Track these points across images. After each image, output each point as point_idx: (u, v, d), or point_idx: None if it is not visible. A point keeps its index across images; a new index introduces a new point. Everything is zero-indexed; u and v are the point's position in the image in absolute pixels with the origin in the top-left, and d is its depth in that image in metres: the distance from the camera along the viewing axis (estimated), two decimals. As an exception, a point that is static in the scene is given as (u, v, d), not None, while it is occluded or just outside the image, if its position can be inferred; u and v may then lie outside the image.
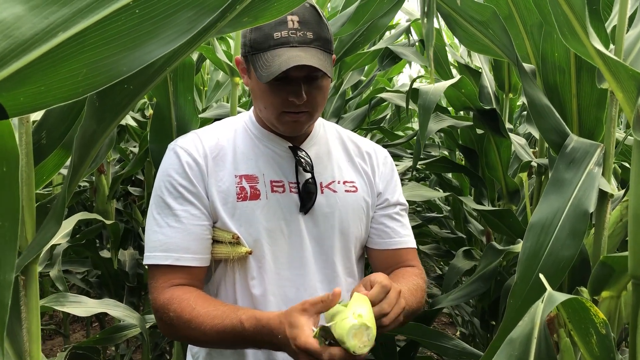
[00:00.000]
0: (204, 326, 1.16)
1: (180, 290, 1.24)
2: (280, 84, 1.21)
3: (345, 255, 1.37)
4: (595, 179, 1.21)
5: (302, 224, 1.32)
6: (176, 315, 1.20)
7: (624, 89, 1.07)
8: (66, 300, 2.04)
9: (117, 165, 3.76)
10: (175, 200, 1.26)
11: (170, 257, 1.24)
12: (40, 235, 1.13)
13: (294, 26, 1.18)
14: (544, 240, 1.19)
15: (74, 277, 3.67)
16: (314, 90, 1.24)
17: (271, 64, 1.16)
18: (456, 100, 2.54)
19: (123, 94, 1.15)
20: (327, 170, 1.37)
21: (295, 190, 1.32)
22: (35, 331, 1.14)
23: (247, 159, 1.32)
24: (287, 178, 1.32)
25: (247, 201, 1.28)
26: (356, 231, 1.37)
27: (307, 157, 1.33)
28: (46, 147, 1.19)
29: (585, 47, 1.14)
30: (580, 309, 0.94)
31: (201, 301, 1.21)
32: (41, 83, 0.65)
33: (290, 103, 1.22)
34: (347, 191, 1.37)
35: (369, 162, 1.43)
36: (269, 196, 1.29)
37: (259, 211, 1.28)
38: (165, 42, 0.70)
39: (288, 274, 1.31)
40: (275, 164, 1.33)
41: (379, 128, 3.70)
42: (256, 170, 1.31)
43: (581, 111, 1.43)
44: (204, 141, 1.32)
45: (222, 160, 1.31)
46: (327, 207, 1.34)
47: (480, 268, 2.22)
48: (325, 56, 1.20)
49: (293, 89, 1.20)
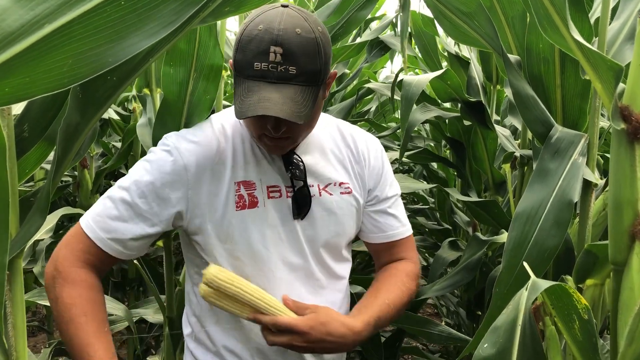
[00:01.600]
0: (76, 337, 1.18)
1: (86, 284, 1.22)
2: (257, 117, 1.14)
3: (335, 251, 1.38)
4: (580, 168, 1.22)
5: (299, 228, 1.31)
6: (63, 303, 1.20)
7: (602, 79, 1.08)
8: (50, 295, 2.02)
9: (100, 160, 3.73)
10: (139, 190, 1.22)
11: (95, 234, 1.21)
12: (24, 229, 1.12)
13: (275, 59, 1.08)
14: (529, 230, 1.20)
15: (58, 272, 3.63)
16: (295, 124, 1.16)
17: (244, 100, 1.10)
18: (442, 91, 2.55)
19: (106, 85, 1.14)
20: (325, 171, 1.34)
21: (291, 194, 1.30)
22: (21, 326, 1.13)
23: (246, 163, 1.28)
24: (285, 182, 1.30)
25: (245, 210, 1.26)
26: (349, 231, 1.38)
27: (300, 162, 1.29)
28: (28, 140, 1.17)
29: (564, 39, 1.15)
30: (563, 295, 0.96)
31: (90, 314, 1.21)
32: (26, 74, 0.65)
33: (268, 130, 1.17)
34: (343, 193, 1.35)
35: (361, 158, 1.39)
36: (266, 203, 1.28)
37: (258, 219, 1.27)
38: (150, 33, 0.70)
39: (289, 277, 1.31)
40: (271, 168, 1.30)
41: (365, 120, 3.70)
42: (253, 175, 1.28)
43: (565, 102, 1.44)
44: (205, 146, 1.26)
45: (223, 166, 1.26)
46: (324, 211, 1.33)
47: (464, 258, 2.24)
48: (305, 95, 1.12)
49: (271, 123, 1.15)
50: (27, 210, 1.17)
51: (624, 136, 0.94)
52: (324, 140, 1.38)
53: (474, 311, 2.72)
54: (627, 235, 0.96)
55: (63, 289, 1.20)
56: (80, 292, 1.21)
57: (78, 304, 1.20)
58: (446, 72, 2.39)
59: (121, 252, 1.24)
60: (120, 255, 1.25)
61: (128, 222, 1.22)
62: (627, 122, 0.93)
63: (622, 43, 1.27)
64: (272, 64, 1.08)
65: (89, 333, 1.19)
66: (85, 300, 1.21)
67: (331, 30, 2.36)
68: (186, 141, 1.25)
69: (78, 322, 1.18)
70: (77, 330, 1.18)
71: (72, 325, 1.18)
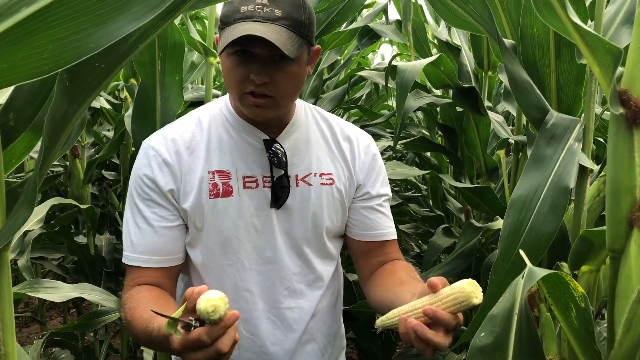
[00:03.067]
0: (138, 329, 1.14)
1: (137, 289, 1.23)
2: (242, 60, 1.16)
3: (317, 245, 1.35)
4: (576, 154, 1.21)
5: (274, 219, 1.30)
6: (125, 313, 1.21)
7: (600, 63, 1.06)
8: (40, 286, 2.00)
9: (91, 149, 3.69)
10: (143, 202, 1.26)
11: (138, 259, 1.25)
12: (11, 221, 1.09)
13: (262, 1, 1.13)
14: (525, 216, 1.19)
15: (50, 263, 3.61)
16: (279, 73, 1.17)
17: (229, 35, 1.12)
18: (435, 78, 2.53)
19: (95, 73, 1.11)
20: (304, 161, 1.32)
21: (269, 184, 1.29)
22: (9, 320, 1.11)
23: (221, 152, 1.28)
24: (262, 172, 1.29)
25: (219, 198, 1.26)
26: (329, 223, 1.35)
27: (281, 149, 1.28)
28: (14, 129, 1.14)
29: (561, 22, 1.13)
30: (559, 283, 0.95)
31: (147, 301, 1.18)
32: (4, 61, 0.62)
33: (251, 82, 1.17)
34: (323, 184, 1.33)
35: (349, 150, 1.37)
36: (241, 193, 1.27)
37: (231, 208, 1.26)
38: (134, 17, 0.67)
39: (263, 268, 1.30)
40: (250, 157, 1.29)
41: (358, 107, 3.68)
42: (229, 165, 1.28)
43: (560, 87, 1.42)
44: (178, 139, 1.28)
45: (197, 156, 1.28)
46: (301, 202, 1.31)
47: (459, 246, 2.23)
48: (290, 36, 1.13)
49: (255, 67, 1.16)
50: (14, 202, 1.14)
51: (623, 121, 0.92)
52: (309, 129, 1.36)
53: (468, 298, 2.72)
54: (625, 221, 0.95)
55: (125, 305, 1.22)
56: (140, 297, 1.21)
57: (142, 298, 1.20)
58: (439, 57, 2.37)
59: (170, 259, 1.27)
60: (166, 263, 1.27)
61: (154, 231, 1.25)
62: (626, 107, 0.91)
63: (619, 27, 1.26)
64: (258, 6, 1.13)
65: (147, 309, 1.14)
66: (146, 297, 1.20)
67: (327, 16, 2.33)
68: (159, 139, 1.29)
69: (143, 311, 1.15)
70: (141, 317, 1.14)
71: (137, 318, 1.15)
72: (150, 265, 1.25)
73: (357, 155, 1.38)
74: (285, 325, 1.33)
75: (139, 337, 1.15)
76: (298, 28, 1.16)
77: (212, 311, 0.91)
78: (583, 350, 0.99)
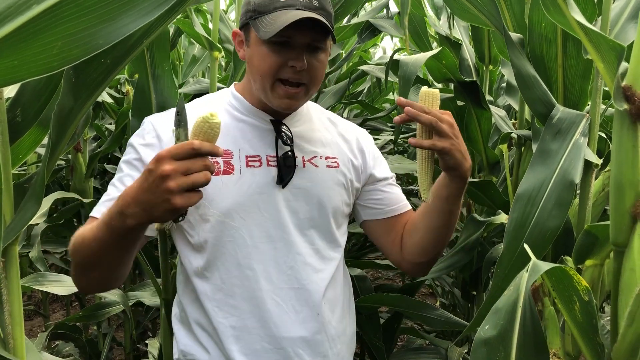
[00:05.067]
0: (86, 236, 1.09)
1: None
2: (281, 48, 1.19)
3: (322, 227, 1.35)
4: (581, 149, 1.22)
5: (280, 197, 1.29)
6: (72, 243, 1.14)
7: (604, 59, 1.07)
8: (45, 279, 2.02)
9: (93, 143, 3.69)
10: (127, 166, 1.24)
11: (99, 212, 1.17)
12: (19, 216, 1.10)
13: None
14: (531, 211, 1.20)
15: (53, 257, 3.62)
16: (315, 61, 1.22)
17: (275, 21, 1.15)
18: (437, 71, 2.52)
19: (100, 68, 1.12)
20: (309, 145, 1.35)
21: (274, 163, 1.29)
22: (18, 313, 1.12)
23: (225, 134, 1.25)
24: (266, 152, 1.30)
25: (219, 176, 1.25)
26: (335, 204, 1.36)
27: (288, 131, 1.31)
28: (22, 124, 1.15)
29: (567, 19, 1.14)
30: (563, 277, 0.96)
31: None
32: (14, 57, 0.63)
33: (289, 69, 1.20)
34: (329, 166, 1.35)
35: (353, 142, 1.43)
36: (242, 171, 1.27)
37: (231, 185, 1.26)
38: (142, 13, 0.67)
39: (266, 247, 1.28)
40: (254, 138, 1.30)
41: (359, 102, 3.67)
42: (232, 146, 1.28)
43: (566, 82, 1.42)
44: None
45: None
46: (308, 181, 1.32)
47: (461, 240, 2.24)
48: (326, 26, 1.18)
49: (295, 54, 1.19)
50: (21, 196, 1.15)
51: (627, 117, 0.92)
52: (312, 120, 1.40)
53: (469, 291, 2.73)
54: (628, 216, 0.95)
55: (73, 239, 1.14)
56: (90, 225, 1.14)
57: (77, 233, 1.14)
58: (442, 51, 2.36)
59: None
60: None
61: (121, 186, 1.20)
62: (630, 103, 0.92)
63: (626, 22, 1.26)
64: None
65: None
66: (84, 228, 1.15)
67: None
68: (159, 116, 1.31)
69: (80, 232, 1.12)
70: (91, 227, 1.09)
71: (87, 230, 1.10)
72: None
73: (364, 146, 1.44)
74: (289, 308, 1.30)
75: (90, 245, 1.08)
76: (330, 19, 1.21)
77: (213, 114, 0.96)
78: (586, 343, 1.00)
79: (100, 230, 1.05)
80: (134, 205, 0.98)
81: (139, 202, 0.97)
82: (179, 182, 0.93)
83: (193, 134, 0.97)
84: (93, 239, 1.07)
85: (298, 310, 1.30)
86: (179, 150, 0.94)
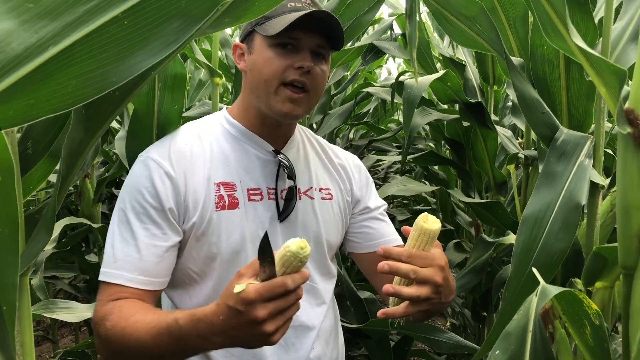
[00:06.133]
0: (139, 332, 1.03)
1: (123, 301, 1.13)
2: (287, 52, 1.19)
3: (318, 260, 1.34)
4: (587, 171, 1.22)
5: (279, 232, 1.27)
6: (112, 324, 1.07)
7: (606, 83, 1.08)
8: (56, 306, 2.01)
9: (101, 168, 3.72)
10: (137, 216, 1.17)
11: (120, 277, 1.14)
12: (30, 247, 1.12)
13: (307, 0, 1.22)
14: (537, 234, 1.20)
15: (62, 282, 3.63)
16: (318, 69, 1.22)
17: (285, 19, 1.16)
18: (442, 93, 2.55)
19: (109, 101, 1.13)
20: (305, 175, 1.34)
21: (273, 197, 1.27)
22: (29, 343, 1.13)
23: (225, 164, 1.26)
24: (266, 184, 1.27)
25: (225, 210, 1.22)
26: (331, 238, 1.35)
27: (286, 160, 1.28)
28: (32, 157, 1.17)
29: (567, 44, 1.15)
30: (573, 301, 0.95)
31: (142, 309, 1.09)
32: (30, 96, 0.64)
33: (295, 71, 1.19)
34: (323, 198, 1.34)
35: (342, 169, 1.42)
36: (246, 205, 1.24)
37: (237, 221, 1.23)
38: (153, 52, 0.69)
39: None
40: (254, 170, 1.28)
41: (364, 123, 3.70)
42: (234, 177, 1.25)
43: (570, 103, 1.43)
44: (178, 151, 1.24)
45: (199, 168, 1.23)
46: (304, 215, 1.30)
47: (471, 261, 2.23)
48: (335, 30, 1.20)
49: (301, 56, 1.19)
50: (32, 227, 1.16)
51: (630, 140, 0.93)
52: (305, 147, 1.39)
53: (479, 312, 2.72)
54: (636, 239, 0.95)
55: (108, 317, 1.09)
56: (129, 306, 1.11)
57: (133, 307, 1.10)
58: (446, 73, 2.39)
59: (156, 282, 1.17)
60: (150, 285, 1.16)
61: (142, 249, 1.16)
62: (633, 126, 0.92)
63: (627, 43, 1.27)
64: (305, 3, 1.21)
65: (157, 311, 1.09)
66: (137, 306, 1.11)
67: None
68: (160, 151, 1.24)
69: (141, 316, 1.06)
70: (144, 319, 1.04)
71: (137, 321, 1.05)
72: (134, 285, 1.14)
73: (351, 174, 1.42)
74: (288, 344, 1.28)
75: (141, 339, 1.03)
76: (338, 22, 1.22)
77: (304, 247, 0.88)
78: (599, 367, 0.99)
79: (167, 341, 1.00)
80: (222, 337, 0.95)
81: (229, 336, 0.94)
82: (276, 323, 0.91)
83: (280, 266, 0.90)
84: (155, 346, 1.01)
85: (298, 347, 1.29)
86: (271, 293, 0.88)
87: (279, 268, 0.90)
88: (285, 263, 0.89)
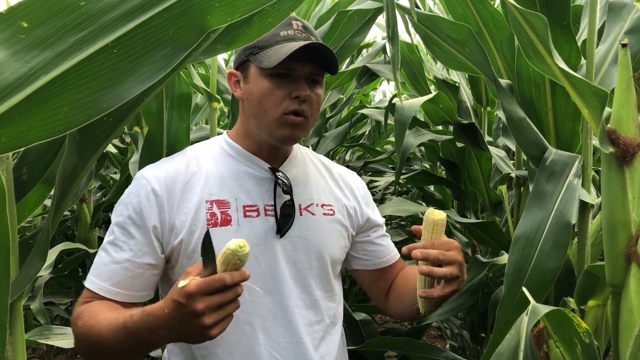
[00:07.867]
0: (102, 329, 1.09)
1: (96, 301, 1.18)
2: (283, 81, 1.22)
3: (322, 277, 1.34)
4: (576, 190, 1.23)
5: (279, 248, 1.28)
6: (82, 323, 1.14)
7: (588, 105, 1.10)
8: (51, 332, 2.00)
9: (98, 193, 3.73)
10: (120, 229, 1.21)
11: (95, 284, 1.18)
12: (24, 272, 1.12)
13: (299, 28, 1.24)
14: (529, 253, 1.21)
15: (58, 308, 3.61)
16: (314, 94, 1.25)
17: (278, 52, 1.18)
18: (434, 115, 2.57)
19: (103, 127, 1.15)
20: (305, 192, 1.35)
21: (271, 213, 1.28)
22: (22, 370, 1.13)
23: (221, 183, 1.27)
24: (263, 201, 1.28)
25: (217, 227, 1.23)
26: (333, 254, 1.36)
27: (284, 178, 1.30)
28: (27, 182, 1.18)
29: (549, 67, 1.17)
30: (563, 319, 0.96)
31: (110, 309, 1.14)
32: (23, 123, 0.66)
33: (293, 101, 1.22)
34: (325, 214, 1.35)
35: (347, 188, 1.44)
36: (240, 222, 1.25)
37: (229, 237, 1.17)
38: (143, 79, 0.71)
39: (265, 300, 1.26)
40: (251, 187, 1.29)
41: (360, 145, 3.72)
42: (229, 195, 1.26)
43: (557, 124, 1.46)
44: (172, 171, 1.26)
45: (193, 186, 1.26)
46: (306, 230, 1.31)
47: (466, 282, 2.23)
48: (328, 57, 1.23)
49: (297, 85, 1.22)
50: (27, 252, 1.17)
51: (613, 160, 0.95)
52: (306, 165, 1.40)
53: (478, 333, 2.70)
54: (622, 257, 0.96)
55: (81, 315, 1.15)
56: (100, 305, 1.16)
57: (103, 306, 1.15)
58: (437, 95, 2.41)
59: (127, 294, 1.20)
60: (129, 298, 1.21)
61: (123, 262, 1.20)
62: (615, 146, 0.94)
63: (610, 65, 1.29)
64: (297, 31, 1.24)
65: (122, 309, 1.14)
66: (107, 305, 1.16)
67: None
68: (153, 169, 1.27)
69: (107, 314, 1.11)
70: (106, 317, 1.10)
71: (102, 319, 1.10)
72: (103, 294, 1.19)
73: (357, 191, 1.45)
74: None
75: (103, 335, 1.09)
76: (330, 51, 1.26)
77: (242, 246, 0.95)
78: (592, 386, 0.99)
79: (123, 336, 1.06)
80: (166, 330, 1.00)
81: (172, 329, 0.99)
82: (214, 317, 0.95)
83: (221, 263, 0.96)
84: (114, 341, 1.08)
85: None
86: (210, 287, 0.94)
87: (220, 266, 0.96)
88: (225, 261, 0.95)
